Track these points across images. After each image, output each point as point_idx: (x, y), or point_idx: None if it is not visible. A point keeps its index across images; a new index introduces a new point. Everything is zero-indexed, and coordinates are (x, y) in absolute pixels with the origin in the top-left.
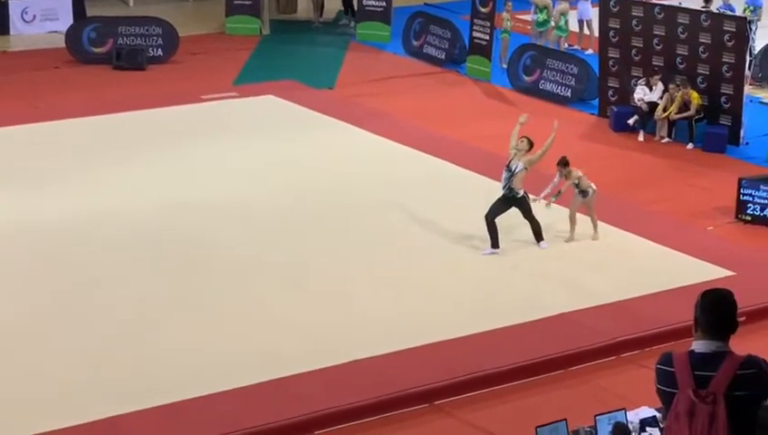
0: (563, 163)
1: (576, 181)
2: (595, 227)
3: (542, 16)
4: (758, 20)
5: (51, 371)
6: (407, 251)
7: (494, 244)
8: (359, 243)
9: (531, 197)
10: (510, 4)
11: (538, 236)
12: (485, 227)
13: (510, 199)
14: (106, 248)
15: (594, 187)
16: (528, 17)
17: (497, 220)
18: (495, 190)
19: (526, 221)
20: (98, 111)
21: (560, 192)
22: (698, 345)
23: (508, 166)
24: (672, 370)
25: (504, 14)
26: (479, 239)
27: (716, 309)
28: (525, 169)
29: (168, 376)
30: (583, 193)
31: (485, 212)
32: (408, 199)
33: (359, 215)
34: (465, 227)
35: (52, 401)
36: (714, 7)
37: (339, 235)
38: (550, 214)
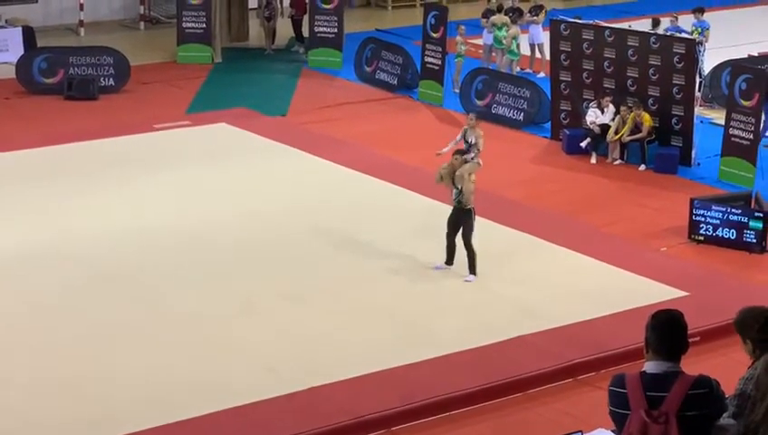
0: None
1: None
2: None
3: (500, 34)
4: (706, 41)
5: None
6: (360, 276)
7: (448, 261)
8: (312, 269)
9: None
10: (463, 27)
11: (471, 266)
12: (443, 246)
13: (458, 212)
14: (57, 277)
15: (480, 162)
16: (479, 41)
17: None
18: (443, 212)
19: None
20: (49, 142)
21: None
22: (650, 366)
23: (455, 183)
24: (624, 391)
25: (458, 38)
26: (428, 264)
27: (667, 330)
28: (471, 182)
29: (122, 406)
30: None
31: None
32: (362, 225)
33: (312, 241)
34: (418, 252)
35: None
36: (662, 29)
37: (292, 261)
38: (505, 242)
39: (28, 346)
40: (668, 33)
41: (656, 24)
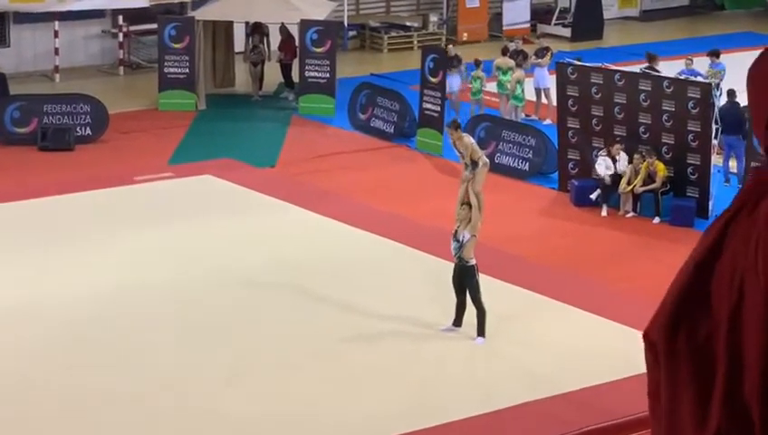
0: (455, 126)
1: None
2: (480, 208)
3: (506, 78)
4: (721, 83)
5: None
6: (359, 339)
7: (456, 322)
8: (306, 332)
9: None
10: (482, 64)
11: (480, 327)
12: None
13: (460, 270)
14: (29, 341)
15: (486, 160)
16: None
17: None
18: (447, 270)
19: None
20: (22, 196)
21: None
22: None
23: (455, 236)
24: None
25: (479, 73)
26: (432, 325)
27: None
28: (473, 236)
29: None
30: (473, 164)
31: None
32: (359, 284)
33: (305, 302)
34: (421, 312)
35: None
36: (676, 72)
37: (284, 323)
38: (511, 301)
39: (5, 416)
40: (683, 77)
41: (651, 58)
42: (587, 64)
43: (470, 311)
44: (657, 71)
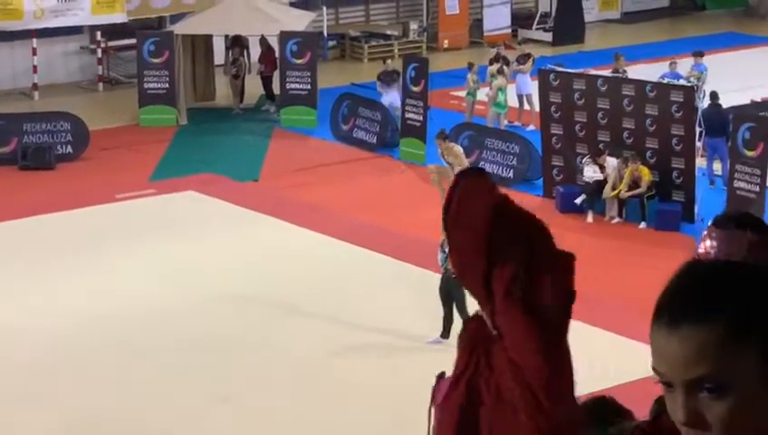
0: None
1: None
2: None
3: (496, 82)
4: (703, 85)
5: None
6: (341, 353)
7: (444, 333)
8: (288, 345)
9: None
10: (476, 66)
11: None
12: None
13: (447, 280)
14: (19, 365)
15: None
16: (462, 93)
17: None
18: (433, 282)
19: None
20: (3, 217)
21: None
22: None
23: (442, 247)
24: None
25: (471, 77)
26: (419, 338)
27: None
28: None
29: None
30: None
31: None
32: (340, 298)
33: (288, 315)
34: (407, 325)
35: None
36: (659, 75)
37: (265, 337)
38: None
39: None
40: (666, 80)
41: (616, 59)
42: (569, 70)
43: (457, 323)
44: (619, 71)
